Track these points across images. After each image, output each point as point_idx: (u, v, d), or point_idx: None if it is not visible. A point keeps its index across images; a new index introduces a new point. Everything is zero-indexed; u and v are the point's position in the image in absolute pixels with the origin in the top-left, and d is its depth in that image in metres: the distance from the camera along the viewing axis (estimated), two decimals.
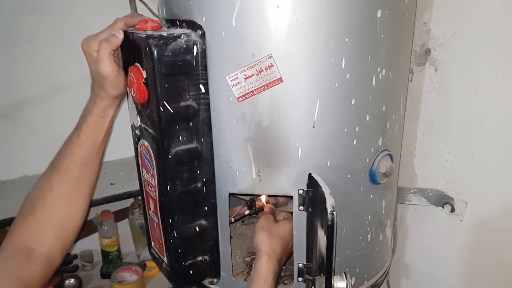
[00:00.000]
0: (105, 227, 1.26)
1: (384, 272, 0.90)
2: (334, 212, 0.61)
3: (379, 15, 0.67)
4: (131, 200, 1.28)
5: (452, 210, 0.92)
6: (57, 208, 0.77)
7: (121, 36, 0.72)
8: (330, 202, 0.63)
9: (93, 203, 1.04)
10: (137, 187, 1.07)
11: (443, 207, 0.94)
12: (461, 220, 0.91)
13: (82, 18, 1.11)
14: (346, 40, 0.66)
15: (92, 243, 1.30)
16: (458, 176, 0.91)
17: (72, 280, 1.20)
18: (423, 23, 0.90)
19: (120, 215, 1.32)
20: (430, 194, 0.96)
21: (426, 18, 0.89)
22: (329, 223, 0.61)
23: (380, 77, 0.72)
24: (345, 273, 0.66)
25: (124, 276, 1.21)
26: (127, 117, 0.83)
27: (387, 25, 0.69)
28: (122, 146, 1.07)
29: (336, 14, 0.64)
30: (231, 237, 0.81)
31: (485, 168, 0.86)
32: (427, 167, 0.97)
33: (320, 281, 0.65)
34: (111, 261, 1.28)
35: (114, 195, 1.08)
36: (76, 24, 1.09)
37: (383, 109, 0.75)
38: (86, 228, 1.27)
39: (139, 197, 1.26)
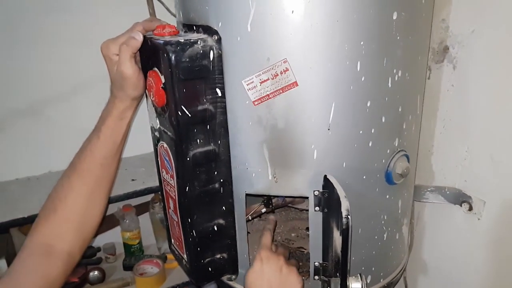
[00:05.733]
0: (127, 221, 1.30)
1: (401, 270, 0.91)
2: (349, 216, 0.62)
3: (395, 17, 0.67)
4: (152, 194, 1.31)
5: (470, 209, 0.91)
6: (77, 207, 0.79)
7: (140, 38, 0.73)
8: (345, 206, 0.63)
9: (114, 199, 1.07)
10: (157, 183, 1.09)
11: (461, 206, 0.93)
12: (479, 219, 0.91)
13: (103, 17, 1.13)
14: (362, 43, 0.66)
15: (114, 236, 1.34)
16: (476, 174, 0.90)
17: (96, 272, 1.24)
18: (441, 20, 0.88)
19: (141, 209, 1.36)
20: (448, 193, 0.95)
21: (445, 15, 0.88)
22: (344, 227, 0.62)
23: (396, 78, 0.71)
24: (360, 274, 0.67)
25: (145, 268, 1.25)
26: (146, 114, 0.84)
27: (403, 27, 0.69)
28: (142, 143, 1.10)
29: (351, 17, 0.64)
30: (248, 232, 0.83)
31: (503, 166, 0.85)
32: (445, 165, 0.96)
33: (336, 283, 0.66)
34: (133, 254, 1.32)
35: (135, 191, 1.11)
36: (97, 23, 1.11)
37: (399, 110, 0.75)
38: (109, 222, 1.32)
39: (159, 192, 1.29)
